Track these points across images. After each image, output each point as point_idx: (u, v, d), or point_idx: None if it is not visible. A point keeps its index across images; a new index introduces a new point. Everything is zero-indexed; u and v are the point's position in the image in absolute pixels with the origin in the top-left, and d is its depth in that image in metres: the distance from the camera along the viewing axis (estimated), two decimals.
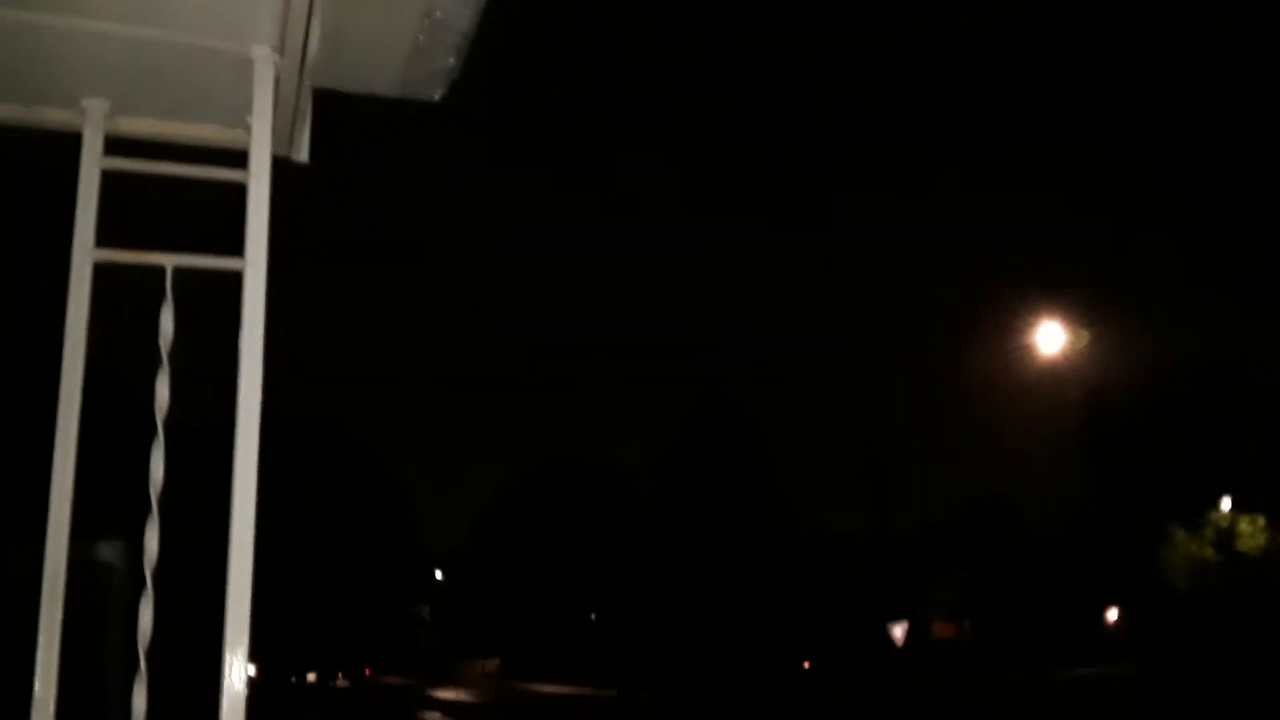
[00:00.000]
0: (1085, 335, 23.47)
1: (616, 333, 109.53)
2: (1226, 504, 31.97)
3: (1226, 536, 31.49)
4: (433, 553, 67.84)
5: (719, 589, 47.04)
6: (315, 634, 38.54)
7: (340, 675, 52.09)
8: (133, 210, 2.38)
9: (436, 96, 2.59)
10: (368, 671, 52.96)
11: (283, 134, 2.40)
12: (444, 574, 72.40)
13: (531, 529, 60.84)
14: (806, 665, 45.42)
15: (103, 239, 2.24)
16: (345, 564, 39.72)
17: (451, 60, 2.44)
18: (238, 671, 1.93)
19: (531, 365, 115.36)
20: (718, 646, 46.38)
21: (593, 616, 59.85)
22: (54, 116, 2.34)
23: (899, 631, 32.91)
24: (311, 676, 47.61)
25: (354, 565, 40.63)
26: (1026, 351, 24.30)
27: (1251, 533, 30.31)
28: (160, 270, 2.25)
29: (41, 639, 1.99)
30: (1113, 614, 53.71)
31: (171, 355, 2.23)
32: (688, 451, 52.41)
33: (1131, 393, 38.91)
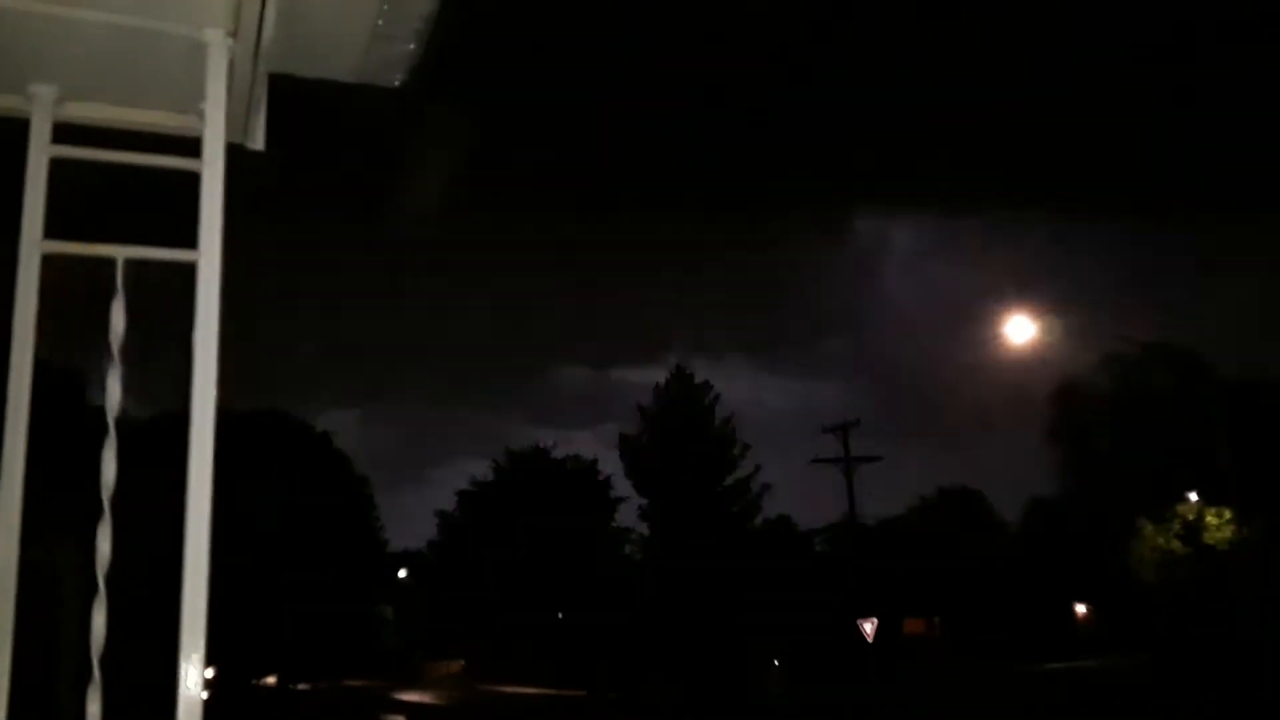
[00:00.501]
0: (1054, 327, 23.56)
1: (583, 325, 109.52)
2: (1194, 496, 32.33)
3: (1193, 529, 31.86)
4: (396, 551, 67.41)
5: (685, 585, 47.08)
6: (274, 635, 38.09)
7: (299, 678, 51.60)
8: (82, 199, 2.31)
9: (396, 82, 2.54)
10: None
11: (237, 121, 2.33)
12: (408, 573, 71.97)
13: (496, 526, 60.61)
14: (776, 663, 45.55)
15: (51, 229, 2.17)
16: (306, 562, 39.25)
17: (412, 45, 2.39)
18: (193, 676, 1.87)
19: (496, 359, 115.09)
20: (685, 645, 46.45)
21: (559, 615, 59.73)
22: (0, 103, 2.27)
23: (869, 628, 33.02)
24: (271, 679, 47.05)
25: (315, 564, 40.16)
26: (994, 343, 24.41)
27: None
28: (110, 262, 2.18)
29: None
30: (1082, 607, 54.38)
31: (123, 350, 2.16)
32: (652, 445, 52.40)
33: (1097, 384, 39.29)
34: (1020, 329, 23.53)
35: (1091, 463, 39.75)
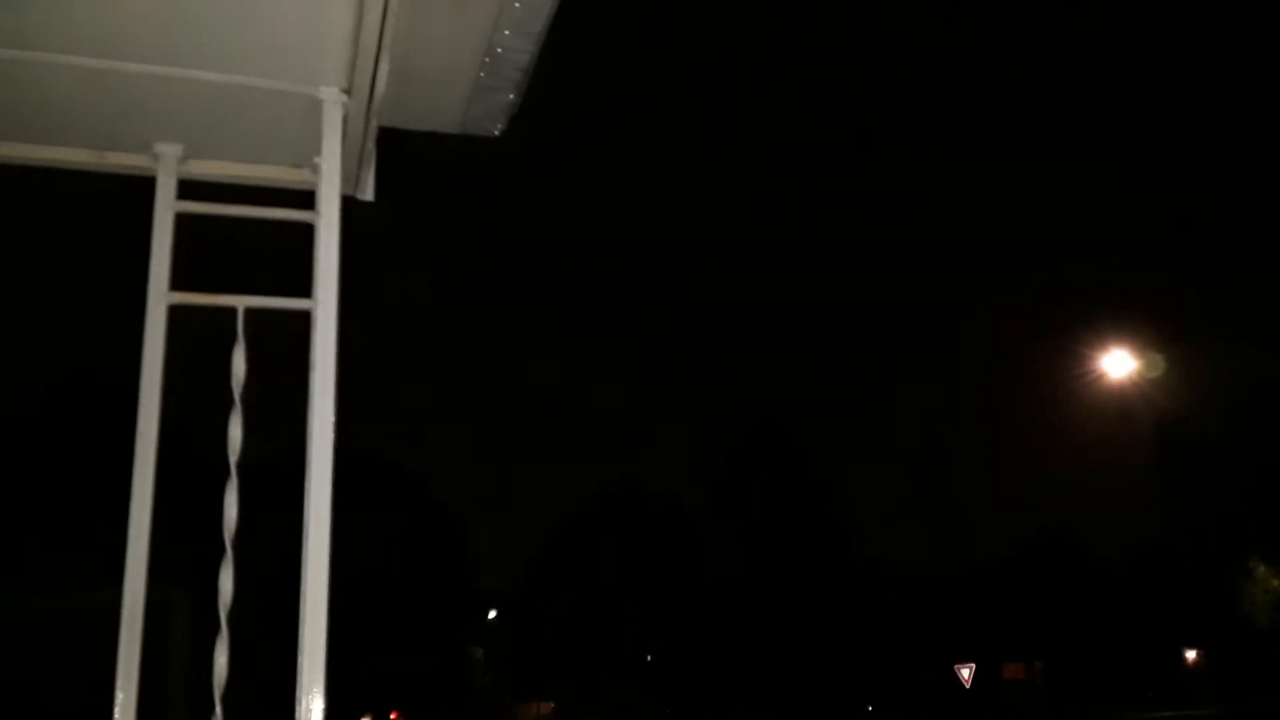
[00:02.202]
0: (1158, 361, 22.83)
1: (669, 369, 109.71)
2: None
3: None
4: (485, 592, 67.62)
5: (778, 628, 46.46)
6: (368, 676, 38.58)
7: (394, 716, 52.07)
8: (202, 251, 2.40)
9: (496, 132, 2.60)
10: (394, 715, 52.20)
11: (349, 174, 2.41)
12: (497, 614, 72.23)
13: (584, 568, 60.66)
14: (870, 709, 44.59)
15: (174, 281, 2.26)
16: (397, 603, 39.77)
17: (511, 95, 2.46)
18: (316, 713, 1.90)
19: (584, 403, 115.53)
20: (778, 688, 45.74)
21: (649, 658, 59.31)
22: (127, 161, 2.37)
23: (966, 673, 32.05)
24: (366, 719, 47.57)
25: (405, 603, 40.65)
26: (1094, 379, 23.71)
27: None
28: (231, 311, 2.26)
29: (120, 676, 1.99)
30: (1191, 653, 52.11)
31: (243, 396, 2.24)
32: (741, 485, 52.08)
33: (1202, 420, 37.94)
34: (1122, 362, 22.84)
35: (1198, 502, 38.35)
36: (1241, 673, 40.92)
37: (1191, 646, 51.95)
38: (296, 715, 1.90)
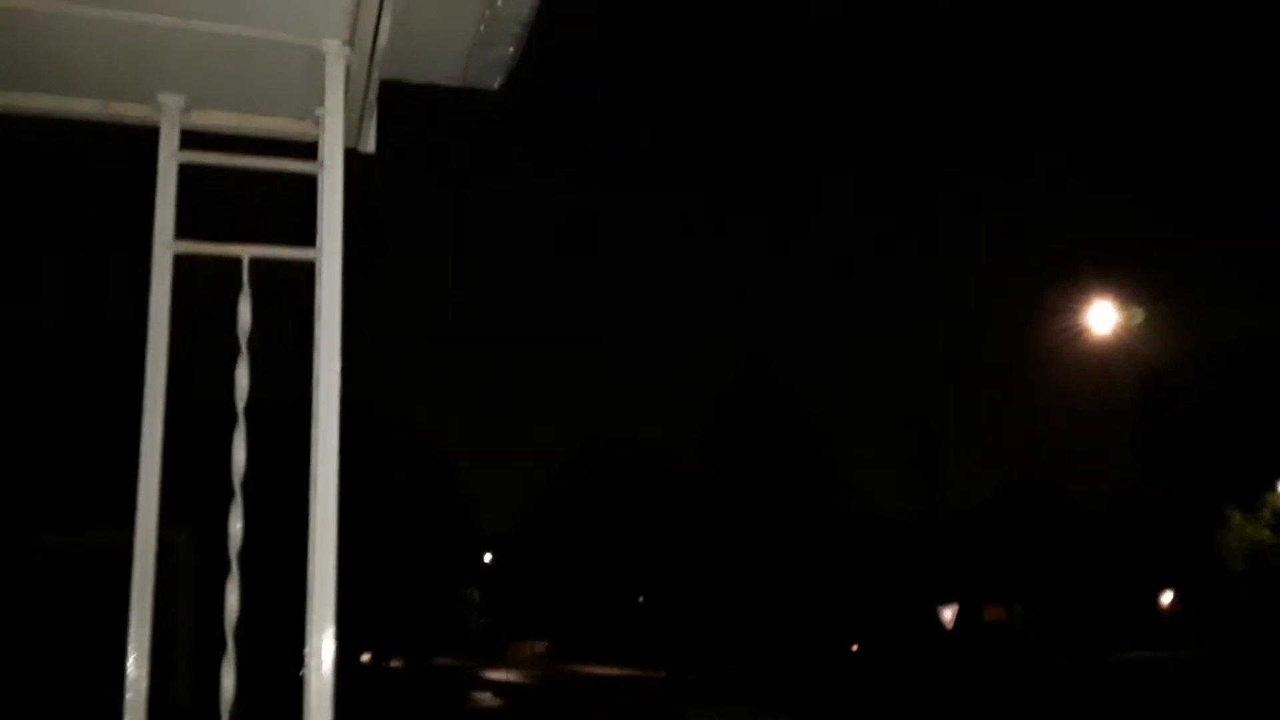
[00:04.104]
0: (1140, 314, 22.87)
1: (661, 315, 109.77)
2: None
3: None
4: (481, 535, 68.21)
5: (766, 571, 47.03)
6: (368, 615, 39.09)
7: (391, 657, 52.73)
8: (207, 202, 2.44)
9: (496, 85, 2.63)
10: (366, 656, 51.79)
11: (351, 125, 2.44)
12: (493, 556, 72.92)
13: (579, 511, 61.17)
14: (855, 648, 45.30)
15: (180, 231, 2.29)
16: (394, 546, 40.15)
17: (511, 49, 2.48)
18: (326, 653, 1.95)
19: (580, 347, 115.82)
20: (765, 628, 46.42)
21: (640, 599, 60.08)
22: (130, 112, 2.40)
23: (949, 615, 32.61)
24: (366, 657, 48.24)
25: (403, 547, 41.04)
26: (1076, 331, 23.75)
27: None
28: (237, 261, 2.31)
29: (133, 621, 2.06)
30: (1167, 597, 52.98)
31: (250, 344, 2.29)
32: (732, 432, 52.37)
33: (1183, 373, 38.24)
34: (1105, 315, 22.82)
35: (1178, 451, 38.77)
36: (1215, 617, 41.64)
37: (1167, 590, 52.82)
38: (307, 653, 1.97)
